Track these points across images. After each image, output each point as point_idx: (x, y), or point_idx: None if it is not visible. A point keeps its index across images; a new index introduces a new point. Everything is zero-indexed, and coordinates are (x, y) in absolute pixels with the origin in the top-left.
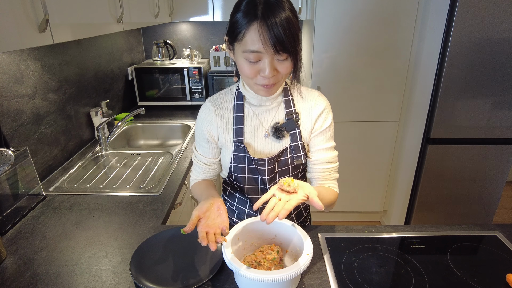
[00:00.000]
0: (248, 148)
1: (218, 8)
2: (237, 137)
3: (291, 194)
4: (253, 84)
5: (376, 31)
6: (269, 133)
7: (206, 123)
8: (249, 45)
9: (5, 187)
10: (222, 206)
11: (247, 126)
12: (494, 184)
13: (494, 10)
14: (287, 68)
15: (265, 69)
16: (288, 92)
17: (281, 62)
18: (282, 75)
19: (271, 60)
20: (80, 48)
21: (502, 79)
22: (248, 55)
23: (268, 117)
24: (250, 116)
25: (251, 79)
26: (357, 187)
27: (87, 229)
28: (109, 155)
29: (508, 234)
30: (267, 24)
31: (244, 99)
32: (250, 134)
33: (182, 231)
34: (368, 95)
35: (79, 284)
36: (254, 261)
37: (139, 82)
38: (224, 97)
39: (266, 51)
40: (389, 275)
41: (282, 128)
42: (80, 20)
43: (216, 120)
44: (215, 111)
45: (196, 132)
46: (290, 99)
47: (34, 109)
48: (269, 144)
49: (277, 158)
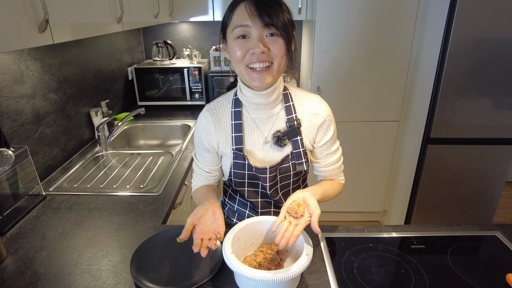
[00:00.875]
0: (249, 156)
1: (218, 8)
2: (236, 145)
3: (299, 218)
4: (244, 68)
5: (376, 31)
6: (269, 140)
7: (205, 133)
8: (237, 21)
9: (5, 187)
10: (217, 210)
11: (247, 134)
12: (494, 184)
13: (494, 10)
14: (280, 48)
15: (254, 44)
16: (288, 97)
17: (272, 39)
18: (274, 55)
19: (260, 35)
20: (80, 48)
21: (502, 79)
22: (237, 32)
23: (267, 125)
24: (250, 124)
25: (241, 61)
26: (357, 187)
27: (87, 229)
28: (109, 155)
29: (508, 234)
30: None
31: (242, 106)
32: (250, 142)
33: (178, 240)
34: (368, 95)
35: (79, 284)
36: (254, 261)
37: (139, 82)
38: (222, 105)
39: (253, 22)
40: (389, 275)
41: (284, 137)
42: (80, 20)
43: (215, 130)
44: (213, 121)
45: (196, 142)
46: (291, 105)
47: (34, 109)
48: (270, 152)
49: (278, 166)
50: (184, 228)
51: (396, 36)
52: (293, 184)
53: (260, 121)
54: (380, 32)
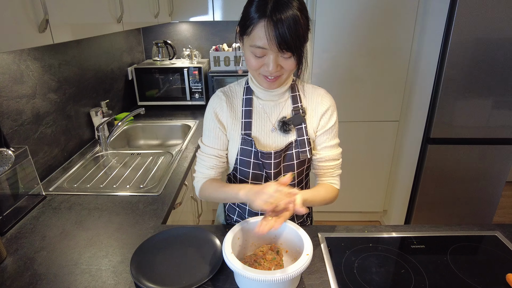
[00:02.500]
0: (255, 141)
1: (218, 8)
2: (245, 130)
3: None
4: (257, 75)
5: (376, 31)
6: (276, 127)
7: (218, 110)
8: (256, 40)
9: (5, 187)
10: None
11: (255, 120)
12: (494, 184)
13: (494, 10)
14: (291, 66)
15: (269, 64)
16: (295, 88)
17: (285, 59)
18: (285, 71)
19: (275, 57)
20: (80, 48)
21: (502, 79)
22: (255, 50)
23: (275, 112)
24: (259, 110)
25: (256, 70)
26: (357, 187)
27: (87, 229)
28: (109, 155)
29: (508, 234)
30: (273, 22)
31: (253, 93)
32: (257, 127)
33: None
34: (368, 95)
35: (79, 284)
36: (254, 261)
37: (139, 82)
38: (235, 89)
39: (271, 48)
40: (389, 275)
41: (289, 122)
42: (80, 20)
43: (227, 109)
44: (226, 101)
45: (205, 122)
46: (297, 95)
47: (34, 109)
48: (275, 137)
49: (283, 152)
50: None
51: (396, 36)
52: (297, 178)
53: (269, 107)
54: (380, 32)
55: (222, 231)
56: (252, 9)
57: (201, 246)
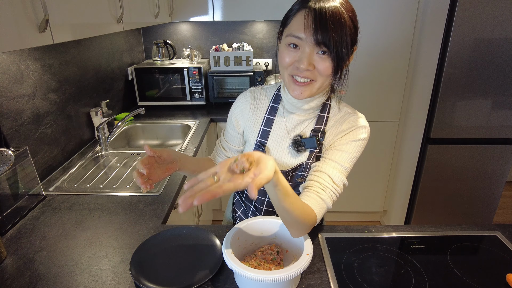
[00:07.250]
0: (267, 153)
1: (218, 8)
2: (261, 138)
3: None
4: (287, 76)
5: (376, 31)
6: (289, 144)
7: (238, 111)
8: (293, 29)
9: (5, 187)
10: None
11: (274, 130)
12: (494, 184)
13: (494, 10)
14: (326, 69)
15: (301, 59)
16: (326, 109)
17: (321, 58)
18: (318, 74)
19: (310, 52)
20: (80, 48)
21: (502, 79)
22: (290, 39)
23: (297, 130)
24: (280, 123)
25: (287, 68)
26: (357, 187)
27: (87, 229)
28: (109, 155)
29: (508, 234)
30: (314, 11)
31: (281, 102)
32: (274, 139)
33: None
34: (368, 95)
35: (79, 284)
36: (254, 261)
37: (139, 82)
38: (264, 93)
39: (307, 38)
40: (389, 275)
41: (301, 143)
42: (80, 20)
43: (249, 112)
44: (251, 104)
45: (228, 117)
46: (325, 116)
47: (34, 109)
48: (287, 155)
49: (290, 173)
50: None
51: (396, 36)
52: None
53: (291, 122)
54: (380, 32)
55: (222, 231)
56: (296, 2)
57: (201, 246)
